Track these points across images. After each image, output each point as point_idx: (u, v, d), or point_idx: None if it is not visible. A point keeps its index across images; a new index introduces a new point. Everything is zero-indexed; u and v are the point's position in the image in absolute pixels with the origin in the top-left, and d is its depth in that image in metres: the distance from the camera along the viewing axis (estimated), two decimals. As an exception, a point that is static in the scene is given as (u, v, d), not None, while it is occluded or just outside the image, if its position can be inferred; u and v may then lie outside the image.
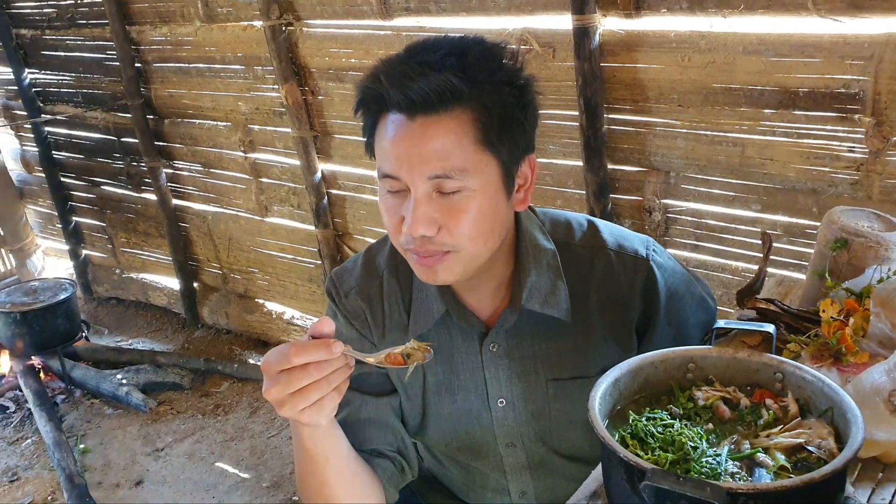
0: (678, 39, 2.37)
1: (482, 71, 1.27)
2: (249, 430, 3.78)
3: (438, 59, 1.25)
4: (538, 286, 1.44)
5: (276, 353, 1.18)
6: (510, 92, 1.30)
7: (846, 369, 1.33)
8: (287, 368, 1.16)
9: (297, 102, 3.47)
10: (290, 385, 1.16)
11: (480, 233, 1.32)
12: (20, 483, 3.61)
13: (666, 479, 0.95)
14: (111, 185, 4.84)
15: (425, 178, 1.26)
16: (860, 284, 1.48)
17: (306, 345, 1.17)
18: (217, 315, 4.63)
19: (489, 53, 1.31)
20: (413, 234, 1.28)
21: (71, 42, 4.48)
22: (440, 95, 1.24)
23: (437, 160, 1.25)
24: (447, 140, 1.26)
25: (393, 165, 1.28)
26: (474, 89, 1.26)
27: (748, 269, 2.51)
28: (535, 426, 1.53)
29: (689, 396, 1.23)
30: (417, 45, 1.32)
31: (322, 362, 1.16)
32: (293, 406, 1.18)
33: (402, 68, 1.25)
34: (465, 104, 1.26)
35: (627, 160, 2.64)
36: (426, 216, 1.27)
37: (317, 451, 1.34)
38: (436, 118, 1.25)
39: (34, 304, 4.20)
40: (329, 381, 1.18)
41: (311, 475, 1.38)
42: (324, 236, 3.76)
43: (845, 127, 2.18)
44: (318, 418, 1.23)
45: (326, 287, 1.59)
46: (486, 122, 1.27)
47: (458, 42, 1.31)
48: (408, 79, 1.24)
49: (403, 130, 1.27)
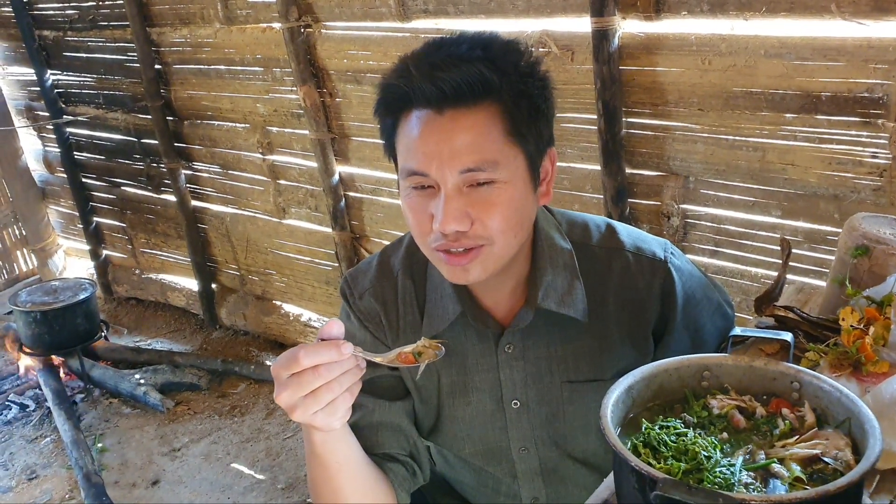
0: (699, 42, 2.34)
1: (508, 62, 1.28)
2: (265, 432, 3.79)
3: (465, 52, 1.25)
4: (554, 285, 1.42)
5: (286, 357, 1.17)
6: (534, 83, 1.30)
7: (866, 379, 1.30)
8: (297, 371, 1.15)
9: (315, 104, 3.47)
10: (301, 388, 1.16)
11: (511, 225, 1.31)
12: (38, 481, 3.64)
13: (677, 489, 0.93)
14: (131, 185, 4.88)
15: (456, 173, 1.26)
16: (881, 293, 1.45)
17: (316, 346, 1.16)
18: (235, 316, 4.64)
19: (510, 46, 1.32)
20: (445, 230, 1.27)
21: (92, 43, 4.51)
22: (471, 87, 1.24)
23: (468, 153, 1.25)
24: (478, 132, 1.25)
25: (421, 162, 1.27)
26: (504, 80, 1.26)
27: (768, 276, 2.48)
28: (549, 429, 1.51)
29: (704, 405, 1.21)
30: (436, 41, 1.31)
31: (332, 363, 1.16)
32: (305, 409, 1.17)
33: (431, 60, 1.25)
34: (495, 96, 1.26)
35: (646, 164, 2.62)
36: (458, 210, 1.26)
37: (329, 457, 1.33)
38: (465, 111, 1.25)
39: (54, 304, 4.23)
40: (340, 382, 1.18)
41: (324, 482, 1.37)
42: (341, 239, 3.76)
43: (868, 132, 2.15)
44: (331, 421, 1.22)
45: (341, 288, 1.58)
46: (515, 114, 1.27)
47: (478, 36, 1.31)
48: (439, 70, 1.23)
49: (432, 125, 1.26)
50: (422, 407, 1.56)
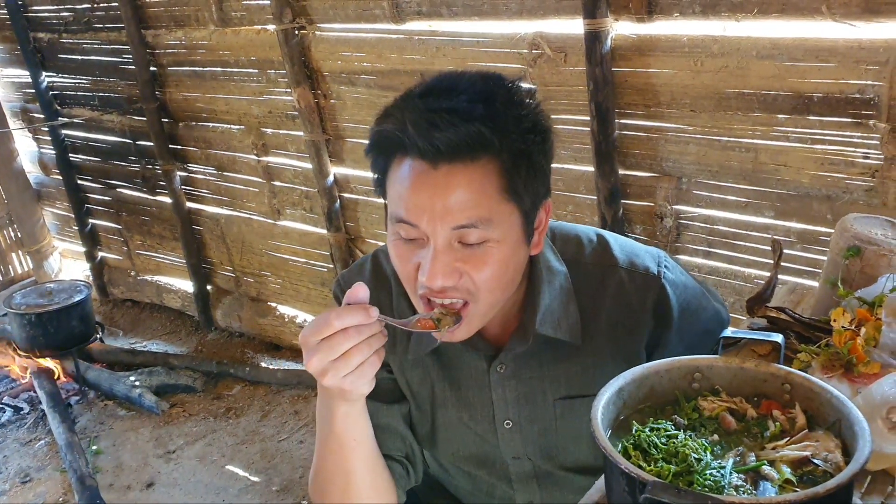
0: (691, 44, 2.35)
1: (510, 119, 1.23)
2: (260, 434, 3.78)
3: (465, 107, 1.20)
4: (551, 310, 1.42)
5: (316, 323, 1.18)
6: (535, 139, 1.26)
7: (857, 380, 1.30)
8: (327, 336, 1.16)
9: (310, 106, 3.47)
10: (333, 350, 1.17)
11: (498, 284, 1.30)
12: (32, 484, 3.63)
13: (666, 491, 0.93)
14: (127, 187, 4.87)
15: (448, 229, 1.23)
16: (873, 293, 1.45)
17: (346, 309, 1.17)
18: (230, 318, 4.64)
19: (514, 98, 1.26)
20: (432, 285, 1.25)
21: (87, 46, 4.51)
22: (469, 146, 1.19)
23: (462, 210, 1.21)
24: (473, 189, 1.21)
25: (412, 213, 1.24)
26: (504, 140, 1.21)
27: (761, 277, 2.49)
28: (542, 443, 1.51)
29: (695, 407, 1.21)
30: (435, 86, 1.26)
31: (362, 326, 1.17)
32: (336, 372, 1.18)
33: (429, 116, 1.19)
34: (493, 154, 1.21)
35: (639, 166, 2.62)
36: (447, 266, 1.24)
37: (348, 434, 1.33)
38: (461, 167, 1.21)
39: (50, 306, 4.22)
40: (370, 344, 1.19)
41: (338, 464, 1.36)
42: (336, 240, 3.76)
43: (860, 133, 2.16)
44: (361, 384, 1.22)
45: (333, 291, 1.57)
46: (514, 172, 1.23)
47: (480, 85, 1.25)
48: (435, 128, 1.18)
49: (425, 178, 1.21)
50: (417, 413, 1.56)
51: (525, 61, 2.69)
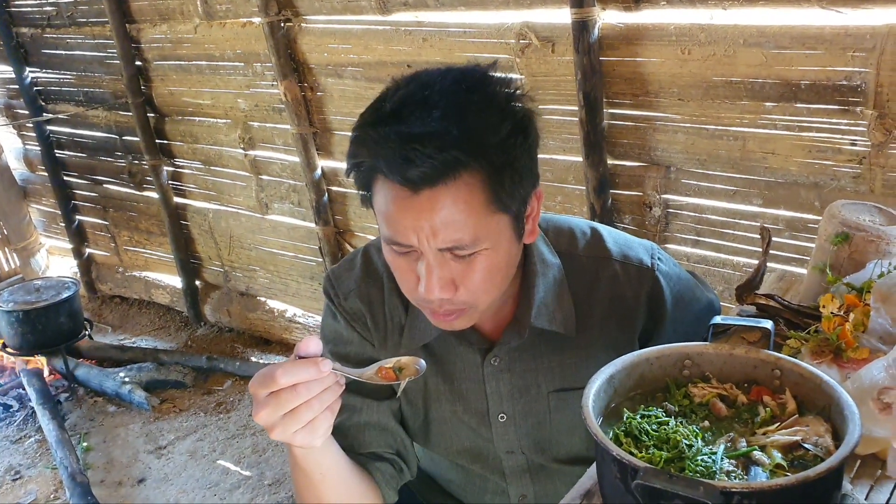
0: (678, 32, 2.34)
1: (488, 131, 1.19)
2: (251, 428, 3.78)
3: (438, 131, 1.15)
4: (545, 302, 1.42)
5: (262, 375, 1.13)
6: (516, 142, 1.22)
7: (846, 365, 1.30)
8: (275, 391, 1.12)
9: (297, 99, 3.46)
10: (280, 407, 1.12)
11: (495, 284, 1.30)
12: (23, 481, 3.61)
13: (658, 477, 0.93)
14: (113, 183, 4.84)
15: (436, 249, 1.22)
16: (861, 279, 1.46)
17: (293, 364, 1.12)
18: (219, 313, 4.62)
19: (489, 101, 1.22)
20: (430, 298, 1.25)
21: (71, 40, 4.47)
22: (446, 172, 1.16)
23: (448, 232, 1.20)
24: (457, 209, 1.19)
25: (400, 234, 1.22)
26: (482, 157, 1.18)
27: (750, 265, 2.49)
28: (536, 436, 1.51)
29: (686, 393, 1.21)
30: (405, 100, 1.20)
31: (311, 381, 1.12)
32: (284, 429, 1.14)
33: (402, 150, 1.14)
34: (474, 169, 1.18)
35: (627, 155, 2.62)
36: (443, 280, 1.23)
37: (312, 468, 1.31)
38: (443, 188, 1.18)
39: (37, 303, 4.20)
40: (321, 400, 1.14)
41: (307, 490, 1.35)
42: (325, 233, 3.75)
43: (847, 120, 2.16)
44: (312, 439, 1.18)
45: (324, 287, 1.56)
46: (497, 183, 1.21)
47: (453, 94, 1.20)
48: (410, 164, 1.15)
49: (409, 204, 1.19)
50: (408, 408, 1.55)
51: (512, 51, 2.69)
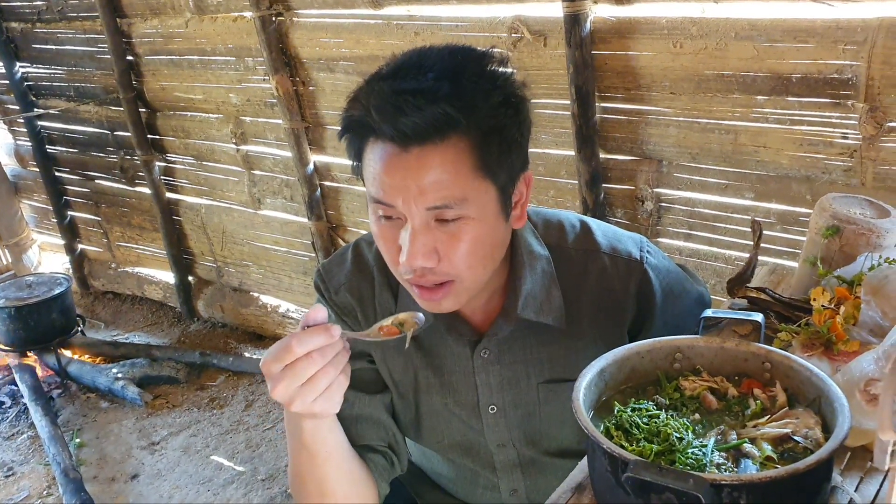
0: (670, 26, 2.34)
1: (479, 95, 1.22)
2: (245, 424, 3.77)
3: (431, 87, 1.18)
4: (533, 294, 1.42)
5: (276, 349, 1.15)
6: (506, 113, 1.25)
7: (837, 358, 1.31)
8: (290, 363, 1.14)
9: (289, 93, 3.45)
10: (297, 377, 1.14)
11: (479, 259, 1.29)
12: (15, 478, 3.60)
13: (648, 470, 0.93)
14: (105, 178, 4.82)
15: (423, 209, 1.22)
16: (851, 272, 1.46)
17: (305, 333, 1.15)
18: (212, 309, 4.62)
19: (483, 72, 1.25)
20: (412, 265, 1.25)
21: (62, 35, 4.45)
22: (437, 128, 1.19)
23: (435, 191, 1.21)
24: (445, 170, 1.21)
25: (388, 194, 1.23)
26: (472, 118, 1.20)
27: (741, 258, 2.50)
28: (526, 428, 1.52)
29: (676, 387, 1.22)
30: (402, 64, 1.25)
31: (325, 347, 1.15)
32: (303, 399, 1.16)
33: (394, 100, 1.18)
34: (463, 131, 1.21)
35: (620, 149, 2.62)
36: (425, 247, 1.24)
37: (318, 447, 1.32)
38: (432, 147, 1.20)
39: (29, 299, 4.19)
40: (335, 365, 1.17)
41: (310, 472, 1.35)
42: (317, 228, 3.74)
43: (838, 113, 2.16)
44: (330, 406, 1.20)
45: (315, 282, 1.57)
46: (485, 149, 1.22)
47: (448, 60, 1.24)
48: (400, 113, 1.17)
49: (397, 161, 1.21)
50: (400, 401, 1.56)
51: (504, 45, 2.68)
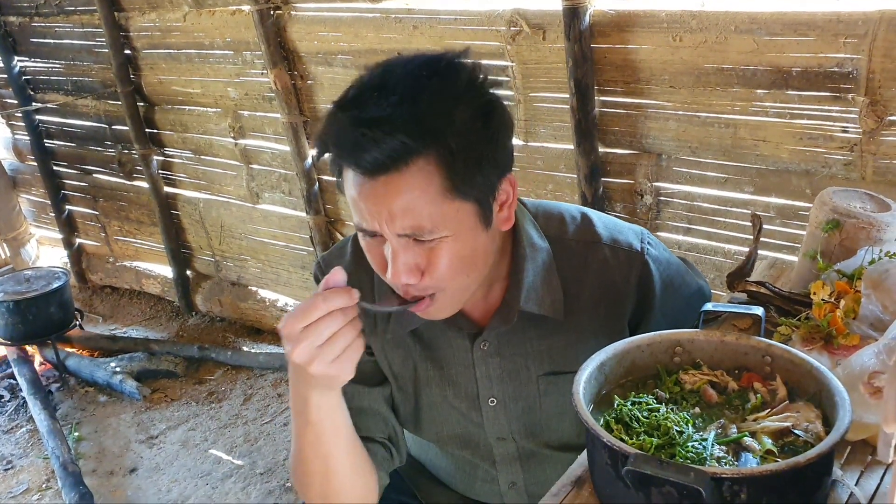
0: (669, 19, 2.34)
1: (440, 116, 1.19)
2: (243, 417, 3.77)
3: (388, 116, 1.16)
4: (534, 286, 1.41)
5: (299, 309, 1.16)
6: (474, 127, 1.22)
7: (837, 352, 1.31)
8: (311, 323, 1.15)
9: (287, 87, 3.43)
10: (319, 336, 1.15)
11: (462, 270, 1.29)
12: (14, 471, 3.60)
13: (648, 463, 0.93)
14: (103, 173, 4.81)
15: (395, 235, 1.23)
16: (852, 266, 1.46)
17: (330, 292, 1.16)
18: (210, 303, 4.61)
19: (445, 87, 1.22)
20: (396, 282, 1.27)
21: (60, 29, 4.43)
22: (395, 159, 1.17)
23: (405, 218, 1.21)
24: (412, 196, 1.20)
25: (365, 220, 1.24)
26: (433, 141, 1.18)
27: (741, 252, 2.49)
28: (526, 420, 1.51)
29: (676, 380, 1.22)
30: (366, 85, 1.23)
31: (346, 308, 1.16)
32: (322, 358, 1.16)
33: (351, 135, 1.17)
34: (427, 155, 1.19)
35: (619, 143, 2.61)
36: (406, 265, 1.24)
37: (326, 422, 1.31)
38: (397, 175, 1.19)
39: (27, 293, 4.17)
40: (354, 326, 1.18)
41: (316, 450, 1.34)
42: (315, 223, 3.73)
43: (839, 107, 2.16)
44: (347, 368, 1.20)
45: (314, 273, 1.56)
46: (452, 169, 1.20)
47: (410, 78, 1.21)
48: (358, 149, 1.17)
49: (367, 190, 1.21)
50: (399, 394, 1.56)
51: (503, 39, 2.68)
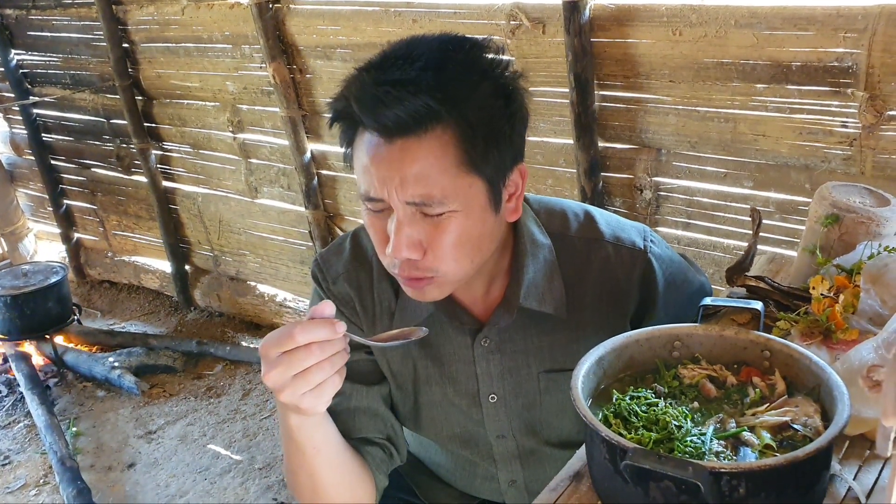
0: (669, 13, 2.33)
1: (463, 86, 1.19)
2: (242, 412, 3.77)
3: (414, 78, 1.16)
4: (535, 283, 1.41)
5: (278, 334, 1.13)
6: (495, 104, 1.23)
7: (836, 346, 1.31)
8: (289, 350, 1.12)
9: (285, 81, 3.43)
10: (293, 367, 1.12)
11: (466, 254, 1.27)
12: (12, 467, 3.60)
13: (647, 458, 0.93)
14: (101, 167, 4.80)
15: (404, 203, 1.21)
16: (851, 261, 1.46)
17: (310, 323, 1.13)
18: (209, 298, 4.61)
19: (471, 62, 1.23)
20: (397, 257, 1.24)
21: (57, 22, 4.42)
22: (417, 120, 1.17)
23: (416, 186, 1.19)
24: (427, 163, 1.19)
25: (374, 187, 1.22)
26: (454, 110, 1.18)
27: (740, 247, 2.49)
28: (526, 417, 1.51)
29: (675, 375, 1.21)
30: (391, 54, 1.22)
31: (325, 342, 1.12)
32: (294, 390, 1.13)
33: (375, 92, 1.16)
34: (446, 123, 1.19)
35: (618, 137, 2.61)
36: (410, 239, 1.23)
37: (306, 442, 1.30)
38: (415, 140, 1.18)
39: (25, 288, 4.16)
40: (332, 363, 1.14)
41: (301, 466, 1.34)
42: (314, 217, 3.73)
43: (838, 101, 2.16)
44: (318, 403, 1.17)
45: (312, 271, 1.54)
46: (470, 142, 1.20)
47: (436, 49, 1.22)
48: (381, 104, 1.16)
49: (381, 153, 1.20)
50: (398, 393, 1.55)
51: (503, 32, 2.67)
